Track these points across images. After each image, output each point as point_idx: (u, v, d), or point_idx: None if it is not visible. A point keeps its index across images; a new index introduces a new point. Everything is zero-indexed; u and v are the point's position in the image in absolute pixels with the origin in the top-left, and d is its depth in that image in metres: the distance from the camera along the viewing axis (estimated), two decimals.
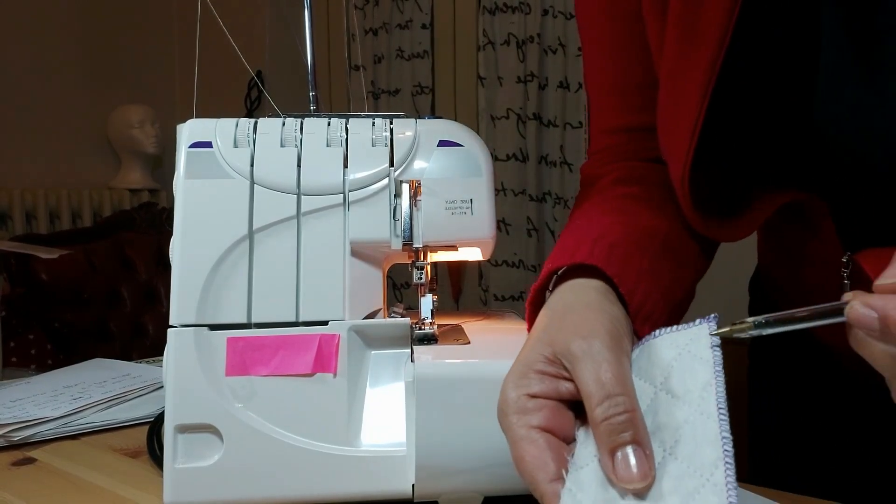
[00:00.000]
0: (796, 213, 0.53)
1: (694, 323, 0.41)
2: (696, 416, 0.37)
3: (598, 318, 0.42)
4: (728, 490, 0.34)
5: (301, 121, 0.57)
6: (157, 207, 2.86)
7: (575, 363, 0.39)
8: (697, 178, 0.51)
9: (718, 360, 0.38)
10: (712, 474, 0.34)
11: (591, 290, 0.46)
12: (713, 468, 0.35)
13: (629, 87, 0.61)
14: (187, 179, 0.55)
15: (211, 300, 0.53)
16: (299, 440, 0.52)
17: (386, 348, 0.56)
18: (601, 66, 0.63)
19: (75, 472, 0.62)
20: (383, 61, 2.90)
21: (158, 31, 3.23)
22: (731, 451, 0.35)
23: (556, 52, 2.54)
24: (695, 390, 0.38)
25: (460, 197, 0.56)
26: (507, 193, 2.60)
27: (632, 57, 0.60)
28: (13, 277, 2.19)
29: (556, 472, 0.37)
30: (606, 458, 0.36)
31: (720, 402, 0.37)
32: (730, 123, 0.51)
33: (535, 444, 0.38)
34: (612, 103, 0.64)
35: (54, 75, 2.92)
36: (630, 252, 0.47)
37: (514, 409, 0.39)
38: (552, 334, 0.41)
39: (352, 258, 0.55)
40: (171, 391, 0.52)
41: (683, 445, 0.36)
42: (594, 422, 0.37)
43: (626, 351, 0.41)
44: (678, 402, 0.38)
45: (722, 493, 0.34)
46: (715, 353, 0.39)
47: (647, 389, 0.39)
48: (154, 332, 2.41)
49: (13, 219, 2.79)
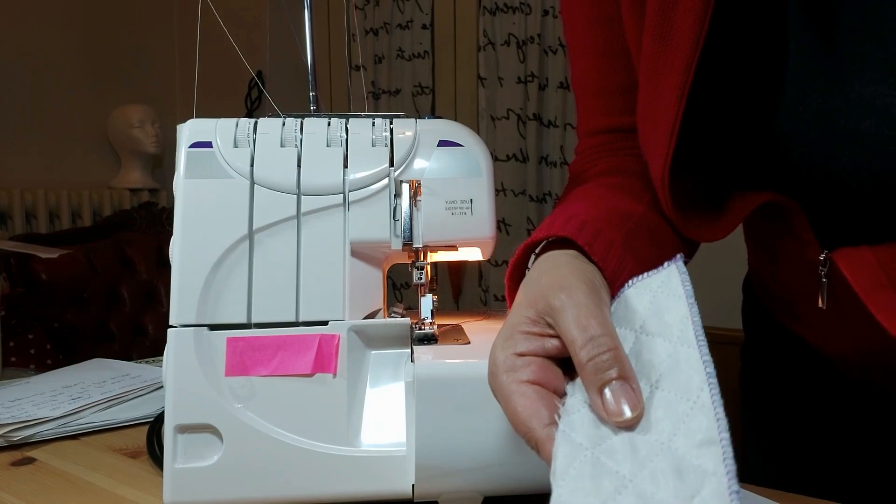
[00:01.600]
0: (774, 214, 0.53)
1: (662, 267, 0.43)
2: (677, 347, 0.38)
3: (573, 273, 0.43)
4: (715, 408, 0.35)
5: (301, 121, 0.57)
6: (157, 207, 2.86)
7: (556, 315, 0.40)
8: (677, 178, 0.51)
9: (690, 293, 0.41)
10: (699, 397, 0.36)
11: (564, 255, 0.47)
12: (699, 391, 0.36)
13: (612, 89, 0.62)
14: (187, 179, 0.55)
15: (211, 300, 0.53)
16: (299, 440, 0.52)
17: (386, 348, 0.56)
18: (585, 69, 0.64)
19: (75, 473, 0.62)
20: (384, 61, 2.90)
21: (159, 31, 3.23)
22: (713, 372, 0.36)
23: (557, 53, 2.54)
24: (673, 324, 0.39)
25: (460, 197, 0.56)
26: (508, 194, 2.60)
27: (614, 60, 0.61)
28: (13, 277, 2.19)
29: (549, 418, 0.38)
30: (595, 396, 0.37)
31: (697, 330, 0.38)
32: (707, 125, 0.52)
33: (526, 395, 0.39)
34: (597, 105, 0.65)
35: (54, 75, 2.92)
36: (601, 228, 0.48)
37: (504, 369, 0.40)
38: (531, 296, 0.42)
39: (352, 258, 0.55)
40: (171, 391, 0.52)
41: (668, 377, 0.38)
42: (580, 364, 0.38)
43: (604, 300, 0.42)
44: (658, 339, 0.40)
45: (710, 413, 0.35)
46: (686, 287, 0.41)
47: (627, 336, 0.41)
48: (154, 332, 2.41)
49: (13, 218, 2.79)
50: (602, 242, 0.47)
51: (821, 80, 0.48)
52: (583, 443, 0.36)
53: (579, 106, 0.67)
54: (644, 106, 0.54)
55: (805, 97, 0.49)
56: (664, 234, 0.54)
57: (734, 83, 0.52)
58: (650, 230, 0.53)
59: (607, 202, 0.54)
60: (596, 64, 0.63)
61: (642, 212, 0.53)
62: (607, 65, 0.62)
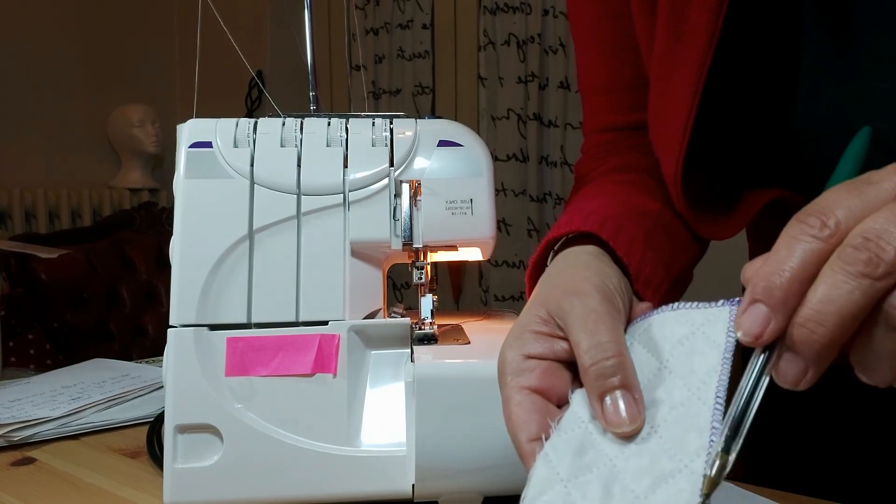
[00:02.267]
0: (783, 211, 0.53)
1: (716, 303, 0.39)
2: (692, 400, 0.36)
3: (587, 276, 0.42)
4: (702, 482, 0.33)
5: (301, 121, 0.57)
6: (157, 207, 2.87)
7: (566, 318, 0.39)
8: (689, 175, 0.51)
9: (731, 347, 0.37)
10: (692, 461, 0.34)
11: (584, 253, 0.46)
12: (695, 456, 0.34)
13: (620, 86, 0.62)
14: (187, 179, 0.55)
15: (211, 300, 0.53)
16: (299, 440, 0.52)
17: (386, 348, 0.56)
18: (593, 66, 0.64)
19: (75, 473, 0.62)
20: (384, 61, 2.90)
21: (159, 31, 3.23)
22: (717, 441, 0.34)
23: (557, 53, 2.54)
24: (699, 373, 0.37)
25: (460, 197, 0.56)
26: (508, 193, 2.60)
27: (622, 57, 0.60)
28: (13, 277, 2.19)
29: (536, 433, 0.37)
30: (596, 403, 0.36)
31: (720, 392, 0.36)
32: (720, 121, 0.52)
33: (522, 405, 0.38)
34: (604, 102, 0.64)
35: (54, 75, 2.92)
36: (622, 224, 0.48)
37: (511, 370, 0.39)
38: (545, 295, 0.42)
39: (352, 258, 0.55)
40: (171, 391, 0.52)
41: (671, 427, 0.36)
42: (583, 368, 0.37)
43: (616, 307, 0.41)
44: (679, 381, 0.37)
45: (697, 483, 0.33)
46: (729, 338, 0.37)
47: (651, 363, 0.39)
48: (154, 332, 2.41)
49: (13, 218, 2.79)
50: (624, 238, 0.46)
51: (835, 77, 0.48)
52: (560, 472, 0.35)
53: (586, 104, 0.67)
54: (656, 102, 0.53)
55: (819, 93, 0.49)
56: (680, 232, 0.54)
57: (748, 79, 0.52)
58: (666, 228, 0.52)
59: (624, 199, 0.53)
60: (604, 61, 0.62)
61: (659, 209, 0.53)
62: (616, 62, 0.61)
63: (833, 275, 0.30)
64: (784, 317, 0.32)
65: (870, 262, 0.30)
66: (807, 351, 0.32)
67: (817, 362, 0.32)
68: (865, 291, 0.30)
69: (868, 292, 0.30)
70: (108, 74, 3.06)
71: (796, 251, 0.31)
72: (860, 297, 0.30)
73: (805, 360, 0.32)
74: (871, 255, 0.30)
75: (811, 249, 0.31)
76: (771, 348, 0.33)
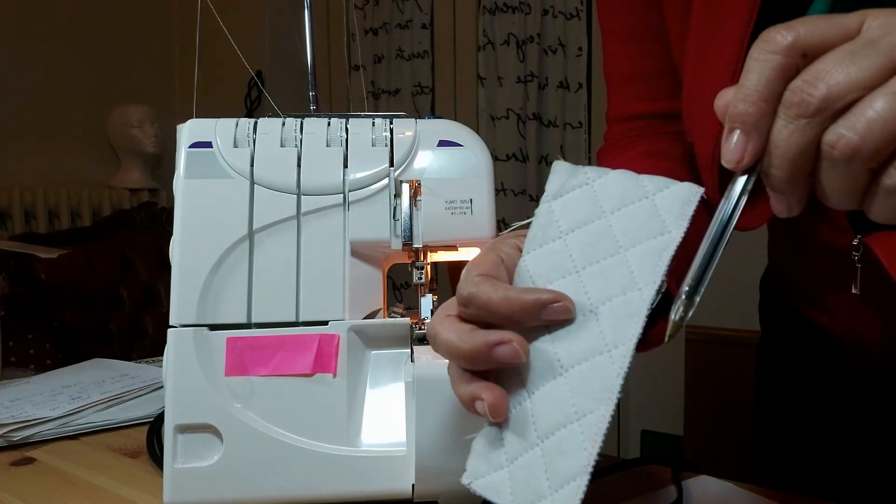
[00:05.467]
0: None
1: (683, 184, 0.40)
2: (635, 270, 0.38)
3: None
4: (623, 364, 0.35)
5: (301, 121, 0.57)
6: (157, 207, 2.86)
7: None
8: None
9: (688, 215, 0.39)
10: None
11: None
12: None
13: (650, 74, 0.63)
14: (187, 179, 0.55)
15: (211, 300, 0.53)
16: (299, 440, 0.52)
17: (386, 348, 0.56)
18: (620, 54, 0.65)
19: (74, 473, 0.62)
20: (383, 61, 2.90)
21: (158, 31, 3.23)
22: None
23: (556, 52, 2.54)
24: (647, 253, 0.38)
25: (460, 197, 0.56)
26: (507, 193, 2.60)
27: (652, 46, 0.61)
28: (12, 277, 2.19)
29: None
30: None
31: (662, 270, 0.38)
32: None
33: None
34: (632, 90, 0.65)
35: (54, 75, 2.92)
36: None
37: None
38: None
39: (352, 258, 0.55)
40: (171, 391, 0.52)
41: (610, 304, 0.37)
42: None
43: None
44: (620, 250, 0.38)
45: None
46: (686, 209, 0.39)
47: (594, 211, 0.40)
48: (154, 332, 2.41)
49: (12, 218, 2.79)
50: None
51: None
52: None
53: (612, 91, 0.67)
54: (692, 85, 0.53)
55: None
56: (702, 222, 0.54)
57: None
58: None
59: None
60: (632, 49, 0.63)
61: None
62: (644, 49, 0.62)
63: (777, 119, 0.33)
64: (760, 137, 0.34)
65: (802, 103, 0.32)
66: (775, 186, 0.34)
67: (791, 194, 0.35)
68: (802, 131, 0.32)
69: (805, 131, 0.32)
70: (107, 74, 3.05)
71: (760, 72, 0.33)
72: (799, 137, 0.32)
73: (779, 193, 0.35)
74: (804, 96, 0.32)
75: (772, 66, 0.33)
76: (749, 173, 0.35)
